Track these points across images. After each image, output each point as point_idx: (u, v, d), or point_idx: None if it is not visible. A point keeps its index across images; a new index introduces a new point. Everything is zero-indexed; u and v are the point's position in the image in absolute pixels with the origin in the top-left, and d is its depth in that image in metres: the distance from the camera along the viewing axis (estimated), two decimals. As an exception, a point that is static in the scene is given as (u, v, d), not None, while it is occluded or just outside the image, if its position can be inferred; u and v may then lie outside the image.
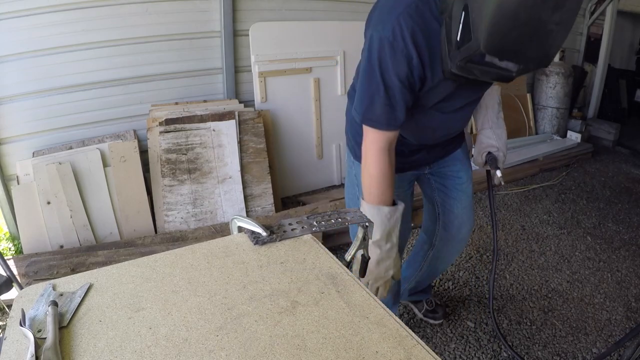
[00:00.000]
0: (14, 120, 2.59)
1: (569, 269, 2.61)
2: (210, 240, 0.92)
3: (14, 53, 2.50)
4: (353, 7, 3.46)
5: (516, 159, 3.96)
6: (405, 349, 0.63)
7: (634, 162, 4.53)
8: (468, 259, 2.65)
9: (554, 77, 4.65)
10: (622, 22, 5.81)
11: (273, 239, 0.91)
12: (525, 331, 2.10)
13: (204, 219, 2.75)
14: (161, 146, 2.71)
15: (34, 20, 2.49)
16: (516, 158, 3.97)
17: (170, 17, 2.84)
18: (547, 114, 4.75)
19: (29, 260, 2.25)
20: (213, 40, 3.03)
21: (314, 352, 0.63)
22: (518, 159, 3.96)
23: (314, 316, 0.70)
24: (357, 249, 1.04)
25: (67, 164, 2.53)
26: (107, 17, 2.66)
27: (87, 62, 2.69)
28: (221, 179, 2.79)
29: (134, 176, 2.68)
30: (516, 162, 3.93)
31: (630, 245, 2.89)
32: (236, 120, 2.85)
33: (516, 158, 3.97)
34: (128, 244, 2.49)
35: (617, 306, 2.30)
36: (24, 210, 2.47)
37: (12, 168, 2.61)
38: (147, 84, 2.90)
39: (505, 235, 2.97)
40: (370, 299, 0.73)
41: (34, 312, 0.69)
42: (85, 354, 0.62)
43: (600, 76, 5.29)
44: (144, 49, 2.82)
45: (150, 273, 0.80)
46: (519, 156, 4.01)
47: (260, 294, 0.75)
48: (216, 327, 0.67)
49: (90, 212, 2.58)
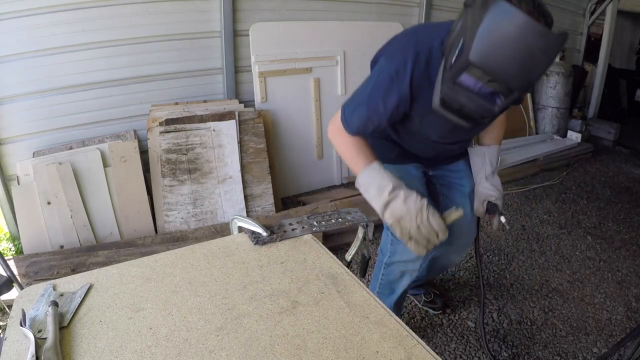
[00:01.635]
0: (14, 121, 2.59)
1: (569, 268, 2.61)
2: (211, 240, 0.92)
3: (15, 53, 2.50)
4: (353, 7, 3.47)
5: (516, 159, 3.95)
6: (406, 348, 0.63)
7: (634, 161, 4.53)
8: (468, 259, 2.65)
9: (554, 77, 4.65)
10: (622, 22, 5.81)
11: (273, 239, 0.91)
12: (526, 331, 2.10)
13: (204, 219, 2.75)
14: (161, 146, 2.71)
15: (34, 20, 2.49)
16: (516, 158, 3.96)
17: (171, 17, 2.84)
18: (547, 113, 4.75)
19: (29, 260, 2.25)
20: (213, 40, 3.03)
21: (314, 352, 0.63)
22: (518, 159, 3.96)
23: (315, 316, 0.70)
24: (357, 249, 1.04)
25: (67, 164, 2.53)
26: (107, 17, 2.66)
27: (88, 62, 2.69)
28: (221, 179, 2.79)
29: (134, 176, 2.68)
30: (516, 162, 3.93)
31: (630, 245, 2.89)
32: (236, 120, 2.85)
33: (516, 158, 3.96)
34: (128, 244, 2.49)
35: (617, 306, 2.29)
36: (24, 211, 2.47)
37: (12, 168, 2.61)
38: (147, 84, 2.90)
39: (505, 235, 2.97)
40: (371, 299, 0.73)
41: (35, 312, 0.69)
42: (85, 354, 0.62)
43: (600, 76, 5.29)
44: (144, 49, 2.82)
45: (151, 273, 0.80)
46: (519, 156, 4.01)
47: (260, 294, 0.75)
48: (216, 327, 0.67)
49: (90, 212, 2.58)
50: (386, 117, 1.29)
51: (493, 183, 1.57)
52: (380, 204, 1.24)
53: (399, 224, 1.22)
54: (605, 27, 5.12)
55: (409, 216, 1.21)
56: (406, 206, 1.22)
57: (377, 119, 1.30)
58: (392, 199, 1.23)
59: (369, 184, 1.28)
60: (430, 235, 1.22)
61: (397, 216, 1.22)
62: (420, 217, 1.21)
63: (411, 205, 1.22)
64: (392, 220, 1.23)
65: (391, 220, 1.23)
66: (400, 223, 1.22)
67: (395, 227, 1.23)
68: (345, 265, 0.88)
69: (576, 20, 5.25)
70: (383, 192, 1.25)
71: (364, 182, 1.29)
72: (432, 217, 1.21)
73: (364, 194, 1.30)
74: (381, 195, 1.24)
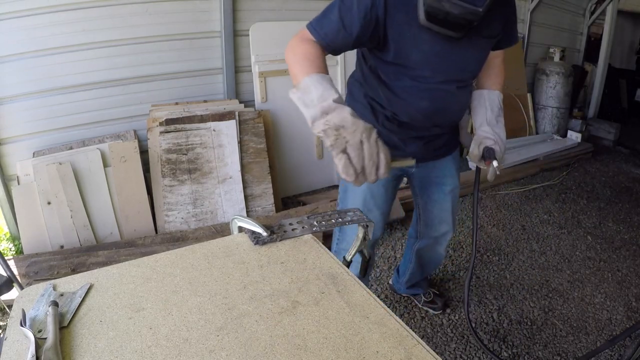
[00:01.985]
0: (15, 121, 2.59)
1: (569, 268, 2.61)
2: (211, 240, 0.92)
3: (15, 53, 2.50)
4: (353, 7, 3.46)
5: (516, 158, 3.96)
6: (406, 348, 0.63)
7: (634, 161, 4.53)
8: (468, 259, 2.65)
9: (554, 77, 4.65)
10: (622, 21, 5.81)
11: (273, 239, 0.91)
12: (526, 331, 2.10)
13: (205, 219, 2.75)
14: (161, 146, 2.71)
15: (34, 21, 2.49)
16: (516, 158, 3.97)
17: (171, 17, 2.84)
18: (547, 113, 4.75)
19: (30, 260, 2.25)
20: (213, 40, 3.03)
21: (315, 352, 0.63)
22: (518, 159, 3.96)
23: (315, 316, 0.70)
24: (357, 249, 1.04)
25: (67, 164, 2.53)
26: (107, 17, 2.66)
27: (88, 62, 2.69)
28: (221, 179, 2.79)
29: (134, 176, 2.68)
30: (516, 161, 3.93)
31: (630, 245, 2.89)
32: (236, 120, 2.85)
33: (516, 158, 3.97)
34: (128, 244, 2.49)
35: (617, 306, 2.29)
36: (25, 211, 2.47)
37: (12, 168, 2.61)
38: (147, 84, 2.90)
39: (505, 235, 2.97)
40: (371, 299, 0.73)
41: (35, 313, 0.69)
42: (85, 354, 0.62)
43: (600, 76, 5.29)
44: (144, 49, 2.82)
45: (151, 273, 0.80)
46: (519, 156, 4.01)
47: (260, 294, 0.75)
48: (217, 327, 0.67)
49: (90, 212, 2.58)
50: (359, 20, 1.18)
51: (495, 129, 1.47)
52: (317, 109, 1.02)
53: (337, 132, 0.97)
54: (605, 27, 5.12)
55: (355, 127, 0.98)
56: (352, 120, 0.98)
57: (349, 20, 1.18)
58: (336, 108, 1.01)
59: (311, 88, 1.06)
60: (371, 159, 0.98)
61: (336, 124, 0.98)
62: (366, 134, 0.98)
63: (360, 121, 0.99)
64: (327, 126, 0.99)
65: (325, 126, 0.99)
66: (340, 131, 0.97)
67: (329, 133, 0.98)
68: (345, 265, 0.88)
69: (576, 20, 5.26)
70: (327, 99, 1.03)
71: (306, 84, 1.07)
72: (381, 144, 1.00)
73: (297, 99, 1.07)
74: (323, 101, 1.02)
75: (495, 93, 1.52)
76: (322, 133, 0.99)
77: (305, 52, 1.17)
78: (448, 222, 1.79)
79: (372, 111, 1.48)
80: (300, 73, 1.11)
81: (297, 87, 1.09)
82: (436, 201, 1.74)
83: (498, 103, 1.52)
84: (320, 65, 1.14)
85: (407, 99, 1.39)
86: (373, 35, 1.24)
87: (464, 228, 3.04)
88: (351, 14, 1.18)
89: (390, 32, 1.24)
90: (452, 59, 1.32)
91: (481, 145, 1.45)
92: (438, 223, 1.80)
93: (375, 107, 1.48)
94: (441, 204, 1.74)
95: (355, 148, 0.96)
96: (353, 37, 1.21)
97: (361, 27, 1.19)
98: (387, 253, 2.71)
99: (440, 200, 1.73)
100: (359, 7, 1.17)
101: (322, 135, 1.00)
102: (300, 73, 1.11)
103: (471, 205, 3.41)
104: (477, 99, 1.53)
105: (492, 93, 1.52)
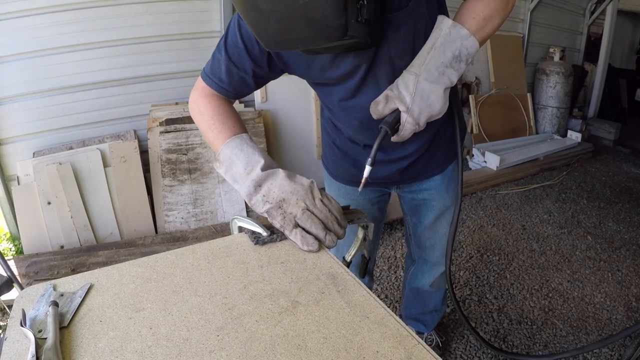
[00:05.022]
0: (15, 121, 2.59)
1: (569, 268, 2.61)
2: (211, 240, 0.92)
3: (15, 53, 2.50)
4: (353, 7, 3.46)
5: (516, 158, 3.96)
6: (406, 348, 0.63)
7: (634, 161, 4.53)
8: (468, 259, 2.65)
9: (554, 77, 4.66)
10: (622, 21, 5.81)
11: (273, 239, 0.91)
12: (526, 331, 2.10)
13: (205, 219, 2.75)
14: (161, 146, 2.71)
15: (34, 21, 2.49)
16: (516, 158, 3.97)
17: (170, 17, 2.84)
18: (547, 113, 4.75)
19: (30, 260, 2.25)
20: (213, 40, 3.02)
21: (315, 352, 0.63)
22: (518, 159, 3.96)
23: (315, 316, 0.70)
24: (357, 249, 1.04)
25: (67, 164, 2.53)
26: (107, 18, 2.66)
27: (88, 62, 2.69)
28: (221, 179, 2.79)
29: (134, 176, 2.68)
30: (516, 161, 3.93)
31: (630, 245, 2.89)
32: (236, 120, 2.85)
33: (516, 158, 3.97)
34: (128, 244, 2.49)
35: (617, 306, 2.29)
36: (25, 211, 2.48)
37: (12, 168, 2.61)
38: (147, 84, 2.90)
39: (505, 235, 2.97)
40: (371, 298, 0.73)
41: (35, 313, 0.69)
42: (85, 354, 0.62)
43: (600, 76, 5.29)
44: (144, 49, 2.82)
45: (151, 273, 0.80)
46: (519, 156, 4.02)
47: (260, 293, 0.75)
48: (217, 327, 0.67)
49: (90, 212, 2.58)
50: (247, 53, 1.02)
51: (427, 77, 0.91)
52: (248, 183, 0.94)
53: (280, 209, 0.90)
54: (605, 26, 5.12)
55: (296, 196, 0.90)
56: (290, 186, 0.91)
57: (237, 57, 1.03)
58: (268, 177, 0.93)
59: (234, 159, 0.97)
60: (327, 219, 0.90)
61: (277, 198, 0.91)
62: (309, 196, 0.90)
63: (296, 183, 0.92)
64: (268, 205, 0.91)
65: (267, 205, 0.91)
66: (283, 207, 0.90)
67: (274, 214, 0.91)
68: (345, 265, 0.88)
69: (576, 20, 5.26)
70: (254, 167, 0.95)
71: (227, 155, 0.99)
72: (327, 197, 0.92)
73: (224, 173, 1.00)
74: (251, 171, 0.95)
75: (458, 28, 0.93)
76: (266, 214, 0.92)
77: (212, 111, 1.06)
78: (440, 246, 1.52)
79: (336, 129, 1.31)
80: (215, 141, 1.03)
81: (218, 159, 1.01)
82: (427, 227, 1.50)
83: (456, 42, 0.93)
84: (233, 124, 1.04)
85: (342, 120, 1.21)
86: (271, 65, 1.06)
87: (464, 228, 3.04)
88: (238, 49, 1.02)
89: (286, 56, 1.04)
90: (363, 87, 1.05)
91: (387, 97, 0.95)
92: (432, 246, 1.54)
93: (338, 126, 1.29)
94: (432, 227, 1.49)
95: (307, 218, 0.89)
96: (249, 73, 1.06)
97: (252, 61, 1.03)
98: (387, 253, 2.71)
99: (429, 225, 1.48)
100: (243, 39, 1.01)
101: (267, 217, 0.92)
102: (216, 140, 1.02)
103: (471, 205, 3.41)
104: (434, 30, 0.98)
105: (455, 28, 0.93)
